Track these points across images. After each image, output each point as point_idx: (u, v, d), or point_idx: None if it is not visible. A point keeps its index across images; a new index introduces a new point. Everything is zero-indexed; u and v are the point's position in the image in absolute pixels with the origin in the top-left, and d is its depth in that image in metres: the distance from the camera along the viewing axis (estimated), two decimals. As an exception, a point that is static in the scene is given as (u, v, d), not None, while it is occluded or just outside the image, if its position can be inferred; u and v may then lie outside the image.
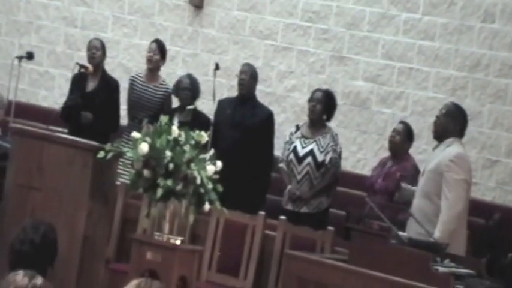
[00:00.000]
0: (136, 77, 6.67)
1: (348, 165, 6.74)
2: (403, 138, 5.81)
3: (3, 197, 4.81)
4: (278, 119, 6.58)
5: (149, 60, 6.54)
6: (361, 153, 6.91)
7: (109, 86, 6.45)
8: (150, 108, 6.47)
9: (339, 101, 6.45)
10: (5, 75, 7.66)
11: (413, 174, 5.54)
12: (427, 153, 6.02)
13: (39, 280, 2.34)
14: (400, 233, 4.49)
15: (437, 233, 4.79)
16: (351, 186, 6.35)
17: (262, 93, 6.78)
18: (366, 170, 6.62)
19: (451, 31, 6.66)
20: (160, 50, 6.54)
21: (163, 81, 6.63)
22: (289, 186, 5.90)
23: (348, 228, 4.81)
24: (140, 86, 6.58)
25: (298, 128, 6.05)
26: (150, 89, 6.56)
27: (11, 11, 8.23)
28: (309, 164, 5.87)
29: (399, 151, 5.81)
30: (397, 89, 6.84)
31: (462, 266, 4.33)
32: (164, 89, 6.57)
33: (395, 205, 5.22)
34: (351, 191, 6.35)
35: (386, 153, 6.06)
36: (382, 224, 4.48)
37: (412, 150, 5.94)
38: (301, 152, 5.91)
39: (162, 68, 6.68)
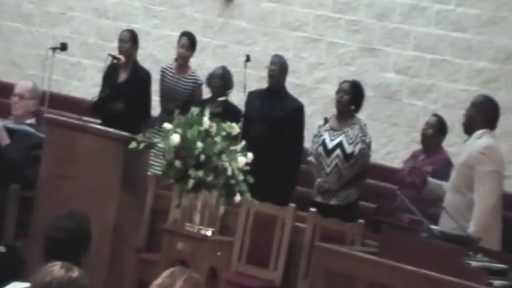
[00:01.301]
0: (167, 68, 6.69)
1: (377, 157, 6.70)
2: (435, 131, 5.76)
3: (37, 186, 4.87)
4: (307, 110, 6.55)
5: (180, 57, 6.56)
6: (391, 146, 6.87)
7: (139, 76, 6.47)
8: (180, 99, 6.49)
9: (369, 93, 6.41)
10: (38, 66, 7.73)
11: (446, 168, 5.48)
12: (458, 147, 5.96)
13: (75, 273, 2.37)
14: (432, 226, 4.46)
15: (472, 227, 4.73)
16: (381, 178, 6.31)
17: (291, 84, 6.76)
18: (395, 162, 6.58)
19: (484, 22, 6.58)
20: (191, 45, 6.58)
21: (193, 72, 6.64)
22: (318, 179, 5.89)
23: (378, 221, 4.79)
24: (170, 77, 6.61)
25: (326, 120, 6.03)
26: (179, 81, 6.58)
27: (44, 2, 8.29)
28: (337, 156, 5.85)
29: (431, 144, 5.77)
30: (428, 81, 6.78)
31: (495, 260, 4.28)
32: (194, 80, 6.58)
33: (427, 198, 5.18)
34: (381, 183, 6.32)
35: (416, 146, 6.01)
36: (413, 217, 4.45)
37: (443, 143, 5.89)
38: (330, 144, 5.90)
39: (192, 59, 6.69)
